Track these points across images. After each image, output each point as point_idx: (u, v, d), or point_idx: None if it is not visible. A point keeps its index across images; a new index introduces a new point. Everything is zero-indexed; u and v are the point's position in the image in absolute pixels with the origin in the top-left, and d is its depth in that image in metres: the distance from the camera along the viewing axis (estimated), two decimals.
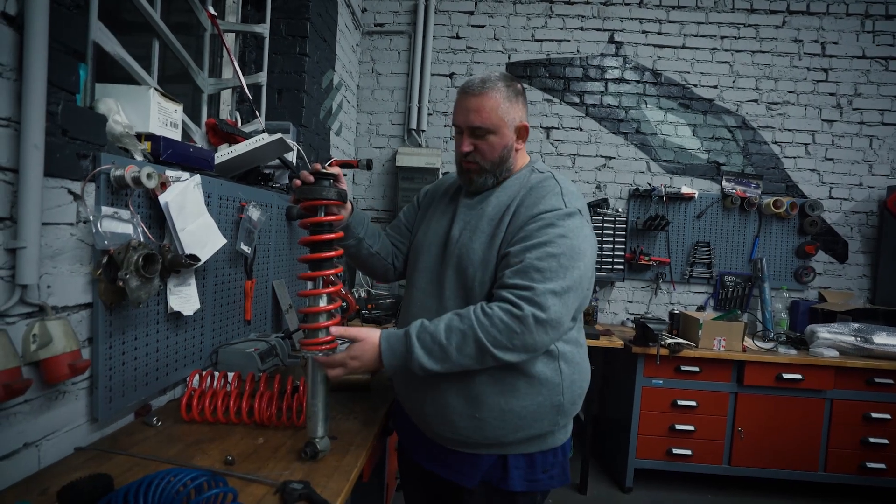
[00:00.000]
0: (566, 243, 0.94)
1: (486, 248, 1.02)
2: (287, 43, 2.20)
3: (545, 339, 0.93)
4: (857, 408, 2.40)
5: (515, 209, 1.02)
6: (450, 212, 1.14)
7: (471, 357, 0.93)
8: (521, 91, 1.08)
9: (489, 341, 0.91)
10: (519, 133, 1.07)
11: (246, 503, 0.81)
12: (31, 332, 0.86)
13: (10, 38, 0.82)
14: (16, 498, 0.78)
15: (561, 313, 0.92)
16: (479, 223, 1.05)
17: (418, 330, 0.95)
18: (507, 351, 0.92)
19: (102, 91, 1.15)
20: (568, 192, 1.02)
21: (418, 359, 0.93)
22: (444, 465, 1.09)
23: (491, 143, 1.04)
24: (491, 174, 1.07)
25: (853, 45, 2.97)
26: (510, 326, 0.90)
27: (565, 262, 0.93)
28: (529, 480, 1.05)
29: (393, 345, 0.96)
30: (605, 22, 3.07)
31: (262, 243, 1.73)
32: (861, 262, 3.04)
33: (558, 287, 0.91)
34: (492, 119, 1.02)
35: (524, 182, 1.06)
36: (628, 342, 2.44)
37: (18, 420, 0.87)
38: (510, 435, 1.01)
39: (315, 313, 1.01)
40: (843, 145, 3.02)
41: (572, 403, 1.06)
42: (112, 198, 1.02)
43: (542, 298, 0.90)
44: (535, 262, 0.92)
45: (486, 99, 1.02)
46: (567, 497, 2.45)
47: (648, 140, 3.10)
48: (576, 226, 0.97)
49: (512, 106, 1.04)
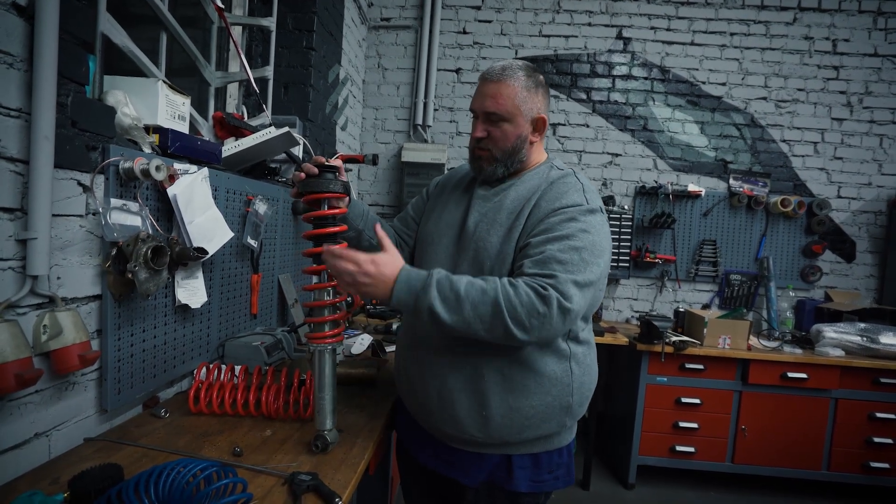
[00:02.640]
0: (588, 238, 0.93)
1: (503, 241, 1.00)
2: (294, 37, 2.19)
3: (561, 328, 0.89)
4: (862, 407, 2.39)
5: (536, 202, 0.99)
6: (464, 202, 1.11)
7: (483, 320, 0.87)
8: (543, 83, 1.05)
9: (508, 309, 0.86)
10: (536, 125, 1.05)
11: (255, 494, 0.81)
12: (42, 323, 0.87)
13: (21, 28, 0.82)
14: (27, 487, 0.79)
15: (581, 306, 0.89)
16: (496, 216, 1.03)
17: (440, 275, 0.91)
18: (521, 327, 0.86)
19: (111, 83, 1.15)
20: (589, 190, 1.01)
21: (431, 300, 0.87)
22: (447, 463, 1.08)
23: (504, 131, 1.02)
24: (501, 164, 1.05)
25: (865, 42, 2.94)
26: (534, 303, 0.86)
27: (587, 256, 0.91)
28: (534, 481, 1.04)
29: (412, 277, 0.91)
30: (614, 18, 3.04)
31: (268, 237, 1.73)
32: (868, 261, 3.02)
33: (581, 279, 0.89)
34: (507, 106, 1.00)
35: (544, 177, 1.05)
36: (633, 339, 2.44)
37: (30, 410, 0.87)
38: (516, 435, 0.99)
39: (320, 307, 1.01)
40: (853, 144, 2.99)
41: (580, 405, 1.05)
42: (121, 190, 1.02)
43: (566, 287, 0.87)
44: (556, 254, 0.90)
45: (503, 86, 1.00)
46: (570, 493, 2.46)
47: (655, 137, 3.08)
48: (598, 223, 0.96)
49: (530, 96, 1.02)
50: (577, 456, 2.71)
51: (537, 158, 1.10)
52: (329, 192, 1.01)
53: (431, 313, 0.88)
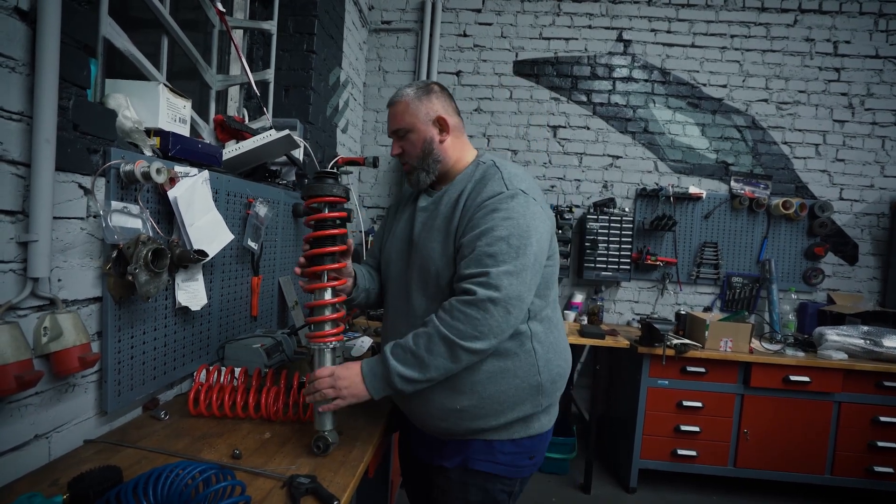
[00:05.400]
0: (512, 224, 0.96)
1: (443, 245, 1.04)
2: (294, 40, 2.21)
3: (509, 318, 0.94)
4: (865, 411, 2.37)
5: (464, 203, 1.04)
6: (410, 216, 1.17)
7: (443, 356, 0.94)
8: (436, 90, 1.12)
9: (454, 334, 0.92)
10: (440, 125, 1.10)
11: (254, 496, 0.81)
12: (43, 325, 0.87)
13: (24, 33, 0.83)
14: (27, 489, 0.79)
15: (519, 290, 0.94)
16: (434, 222, 1.08)
17: (389, 346, 0.99)
18: (475, 339, 0.92)
19: (112, 86, 1.15)
20: (509, 175, 1.04)
21: (396, 369, 0.95)
22: (430, 450, 1.13)
23: (411, 141, 1.10)
24: (422, 170, 1.12)
25: (866, 44, 2.93)
26: (468, 314, 0.92)
27: (515, 242, 0.95)
28: (515, 466, 1.06)
29: (371, 363, 0.99)
30: (614, 20, 3.05)
31: (268, 240, 1.74)
32: (871, 264, 3.01)
33: (512, 268, 0.93)
34: (405, 119, 1.10)
35: (471, 175, 1.09)
36: (634, 342, 2.43)
37: (30, 412, 0.88)
38: (492, 420, 1.03)
39: (320, 307, 1.03)
40: (855, 146, 2.98)
41: (552, 383, 1.07)
42: (122, 193, 1.03)
43: (497, 280, 0.92)
44: (485, 249, 0.95)
45: (397, 105, 1.11)
46: (571, 497, 2.44)
47: (656, 139, 3.07)
48: (519, 206, 0.98)
49: (422, 103, 1.09)
50: (577, 459, 2.70)
51: (462, 157, 1.14)
52: (329, 195, 1.03)
53: (403, 379, 0.95)
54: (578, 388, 3.10)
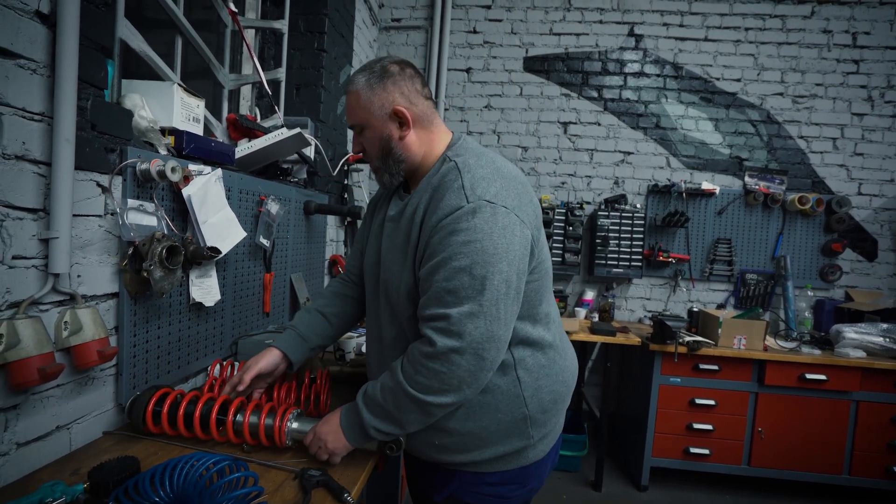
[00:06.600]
0: (473, 249, 0.79)
1: (402, 268, 0.90)
2: (305, 39, 2.22)
3: (482, 363, 0.81)
4: (884, 410, 2.33)
5: (421, 219, 0.88)
6: (381, 224, 1.03)
7: (414, 412, 0.84)
8: (392, 72, 0.91)
9: (419, 391, 0.82)
10: (400, 119, 0.92)
11: (266, 488, 0.83)
12: (63, 320, 0.90)
13: (44, 35, 0.85)
14: (50, 477, 0.82)
15: (489, 330, 0.80)
16: (396, 238, 0.94)
17: (363, 396, 0.90)
18: (444, 393, 0.81)
19: (128, 87, 1.18)
20: (472, 181, 0.84)
21: (371, 423, 0.87)
22: (423, 476, 1.04)
23: (368, 139, 0.95)
24: (384, 171, 0.97)
25: (886, 34, 2.86)
26: (431, 368, 0.81)
27: (479, 271, 0.79)
28: (504, 498, 0.97)
29: (350, 417, 0.91)
30: (625, 15, 3.01)
31: (280, 237, 1.76)
32: (891, 260, 2.94)
33: (476, 307, 0.79)
34: (358, 115, 0.93)
35: (431, 180, 0.91)
36: (645, 339, 2.41)
37: (52, 403, 0.90)
38: (475, 455, 0.92)
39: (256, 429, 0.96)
40: (874, 140, 2.91)
41: (543, 412, 0.94)
42: (138, 191, 1.05)
43: (458, 326, 0.79)
44: (443, 285, 0.80)
45: (350, 96, 0.94)
46: (582, 494, 2.44)
47: (668, 135, 3.04)
48: (483, 222, 0.80)
49: (374, 93, 0.91)
50: (588, 457, 2.69)
51: (431, 150, 0.96)
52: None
53: (380, 432, 0.89)
54: (590, 385, 3.09)
